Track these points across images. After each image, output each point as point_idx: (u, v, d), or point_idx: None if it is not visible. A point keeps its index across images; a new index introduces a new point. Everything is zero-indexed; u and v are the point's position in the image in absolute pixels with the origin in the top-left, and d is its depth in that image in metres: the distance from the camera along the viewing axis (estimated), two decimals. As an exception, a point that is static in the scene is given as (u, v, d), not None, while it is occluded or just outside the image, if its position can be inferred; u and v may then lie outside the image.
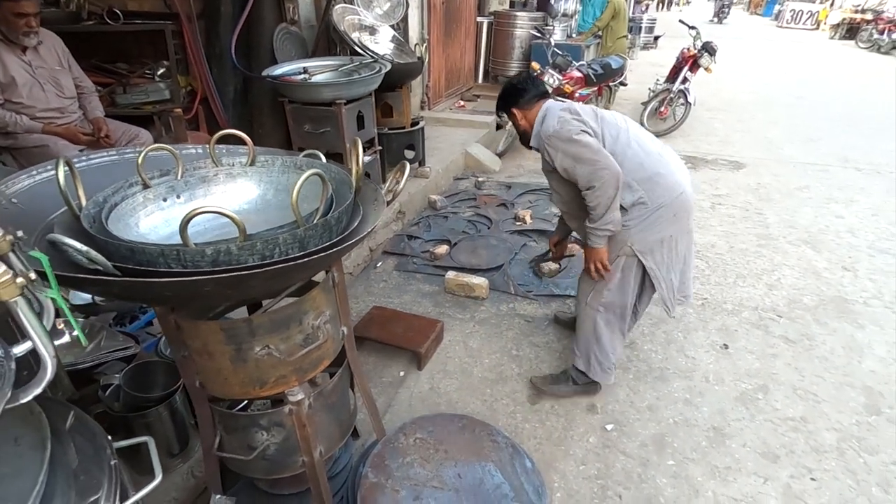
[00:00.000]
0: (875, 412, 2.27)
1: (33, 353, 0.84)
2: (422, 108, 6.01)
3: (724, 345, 2.69)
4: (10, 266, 0.69)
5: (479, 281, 3.06)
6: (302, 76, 3.16)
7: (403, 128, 4.10)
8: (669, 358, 2.60)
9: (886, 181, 5.04)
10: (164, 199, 1.32)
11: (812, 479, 1.97)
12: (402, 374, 2.49)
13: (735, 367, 2.53)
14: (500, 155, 5.47)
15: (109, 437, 0.95)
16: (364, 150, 1.35)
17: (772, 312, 2.97)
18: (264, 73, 3.16)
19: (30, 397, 0.70)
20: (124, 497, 0.89)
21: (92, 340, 1.81)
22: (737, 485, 1.94)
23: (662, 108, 6.37)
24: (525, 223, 3.92)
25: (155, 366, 1.78)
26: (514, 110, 2.15)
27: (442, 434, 1.84)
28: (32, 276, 0.71)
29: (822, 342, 2.72)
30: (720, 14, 23.23)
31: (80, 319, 1.86)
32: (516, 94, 2.15)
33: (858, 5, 18.13)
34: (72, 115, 2.70)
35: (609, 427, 2.19)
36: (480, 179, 4.81)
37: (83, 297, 2.04)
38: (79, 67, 2.77)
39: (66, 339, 1.79)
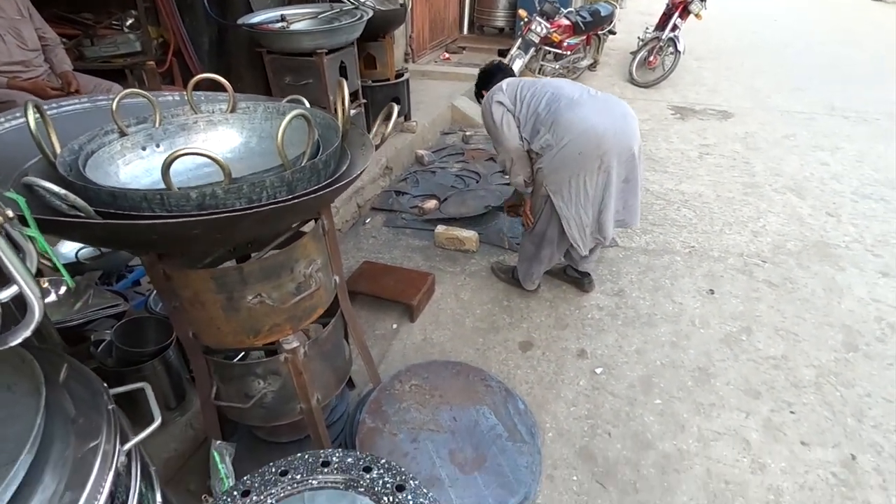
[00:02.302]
0: (852, 349, 2.36)
1: (17, 302, 0.82)
2: (406, 60, 5.81)
3: (710, 290, 2.75)
4: (-15, 206, 0.66)
5: (469, 234, 3.05)
6: (280, 24, 3.02)
7: (388, 80, 3.97)
8: (657, 304, 2.65)
9: (871, 128, 5.06)
10: (143, 148, 1.27)
11: (791, 412, 2.06)
12: (395, 326, 2.51)
13: (720, 311, 2.60)
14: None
15: (105, 384, 0.95)
16: (350, 107, 1.31)
17: (756, 258, 3.02)
18: (240, 21, 3.01)
19: (19, 339, 0.69)
20: (124, 441, 0.89)
21: (79, 299, 1.79)
22: (720, 419, 2.02)
23: (651, 58, 6.25)
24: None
25: (146, 321, 1.77)
26: (484, 92, 2.47)
27: (436, 380, 1.88)
28: (10, 213, 0.68)
29: (803, 285, 2.79)
30: None
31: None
32: (485, 79, 2.49)
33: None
34: (38, 69, 2.56)
35: (598, 370, 2.25)
36: (468, 133, 4.73)
37: (66, 257, 2.00)
38: (41, 17, 2.61)
39: (52, 297, 1.76)
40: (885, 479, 1.80)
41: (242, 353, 1.70)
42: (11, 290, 0.72)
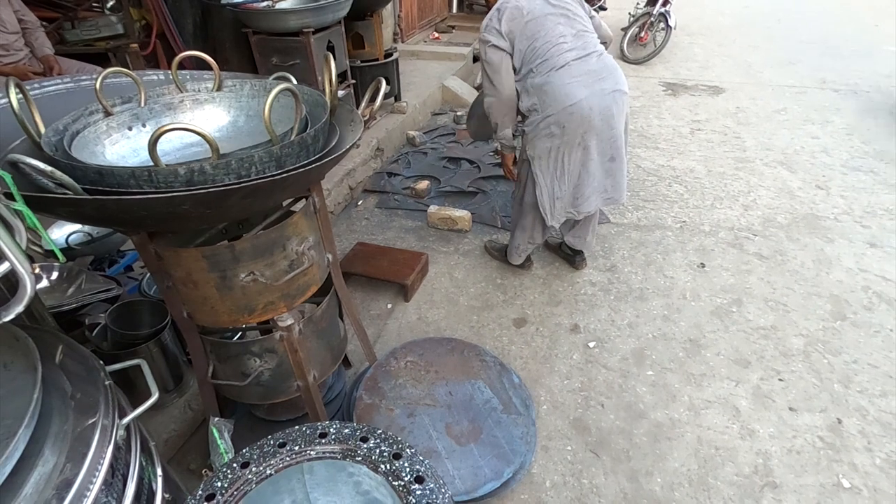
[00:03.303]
0: (840, 318, 2.40)
1: (8, 285, 0.82)
2: (395, 40, 5.73)
3: (701, 264, 2.78)
4: (-30, 182, 0.66)
5: (462, 213, 3.06)
6: (265, 3, 2.97)
7: (376, 60, 3.93)
8: (648, 278, 2.68)
9: (861, 100, 5.06)
10: (129, 128, 1.26)
11: (780, 379, 2.10)
12: (389, 306, 2.53)
13: (711, 284, 2.63)
14: (477, 88, 5.31)
15: (101, 361, 0.95)
16: (337, 84, 1.29)
17: (747, 231, 3.05)
18: (224, 1, 2.95)
19: (12, 315, 0.69)
20: (122, 416, 0.90)
21: (72, 284, 1.78)
22: (711, 388, 2.06)
23: (643, 34, 6.20)
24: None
25: (141, 305, 1.77)
26: None
27: (432, 356, 1.90)
28: (-4, 188, 0.68)
29: (793, 257, 2.82)
30: None
31: (55, 264, 1.82)
32: None
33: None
34: (18, 54, 2.52)
35: (591, 344, 2.28)
36: (459, 114, 4.69)
37: (57, 243, 1.98)
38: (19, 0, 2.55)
39: (44, 283, 1.76)
40: (869, 442, 1.85)
41: (239, 333, 1.71)
42: (3, 267, 0.72)
